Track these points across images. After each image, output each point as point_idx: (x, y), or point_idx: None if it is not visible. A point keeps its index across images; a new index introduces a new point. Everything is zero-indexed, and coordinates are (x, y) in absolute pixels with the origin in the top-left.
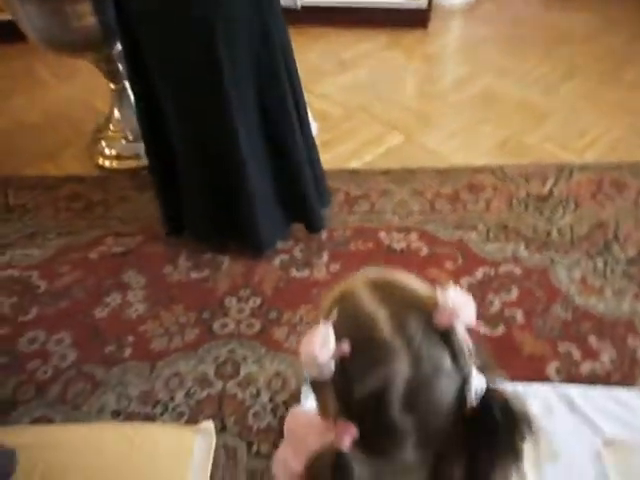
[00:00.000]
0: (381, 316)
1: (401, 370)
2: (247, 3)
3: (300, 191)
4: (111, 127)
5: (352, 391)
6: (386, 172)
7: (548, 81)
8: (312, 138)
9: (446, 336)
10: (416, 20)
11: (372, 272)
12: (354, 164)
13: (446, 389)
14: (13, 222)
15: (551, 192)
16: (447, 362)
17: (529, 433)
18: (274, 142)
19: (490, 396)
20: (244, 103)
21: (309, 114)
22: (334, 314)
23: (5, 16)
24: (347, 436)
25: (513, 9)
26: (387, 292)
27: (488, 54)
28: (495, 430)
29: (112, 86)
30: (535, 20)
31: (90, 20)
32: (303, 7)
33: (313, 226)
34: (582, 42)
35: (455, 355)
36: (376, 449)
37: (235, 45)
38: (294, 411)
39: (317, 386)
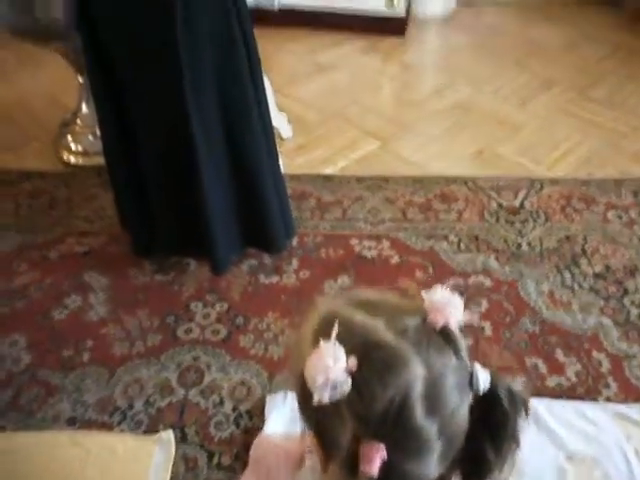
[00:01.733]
0: (379, 326)
1: (417, 371)
2: None
3: (262, 215)
4: (78, 122)
5: (372, 405)
6: (360, 179)
7: (523, 93)
8: (279, 166)
9: (444, 334)
10: (394, 27)
11: (345, 296)
12: (328, 170)
13: (458, 385)
14: None
15: (522, 205)
16: (453, 359)
17: (526, 416)
18: (237, 157)
19: (497, 385)
20: (203, 107)
21: (284, 117)
22: (332, 333)
23: None
24: (377, 457)
25: (489, 20)
26: (372, 306)
27: (465, 64)
28: (504, 418)
29: (80, 79)
30: (511, 32)
31: (57, 8)
32: (281, 10)
33: (272, 252)
34: (557, 56)
35: (457, 351)
36: (400, 474)
37: (196, 46)
38: (260, 439)
39: (323, 415)
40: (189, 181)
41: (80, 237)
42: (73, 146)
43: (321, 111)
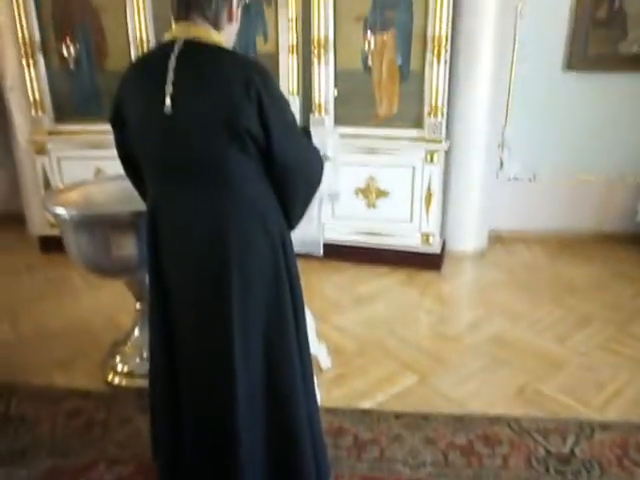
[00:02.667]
0: None
1: None
2: (263, 245)
3: (293, 457)
4: (129, 344)
5: None
6: (398, 415)
7: (560, 329)
8: (316, 408)
9: None
10: (430, 262)
11: None
12: (366, 404)
13: None
14: (8, 434)
15: (572, 452)
16: None
17: None
18: (274, 395)
19: None
20: (248, 350)
21: (324, 347)
22: None
23: (55, 232)
24: None
25: (521, 257)
26: None
27: (500, 298)
28: None
29: (138, 306)
30: (543, 268)
31: (130, 249)
32: (325, 244)
33: None
34: (591, 293)
35: None
36: None
37: (248, 288)
38: None
39: None
40: (224, 413)
41: (110, 464)
42: (120, 367)
43: (360, 342)
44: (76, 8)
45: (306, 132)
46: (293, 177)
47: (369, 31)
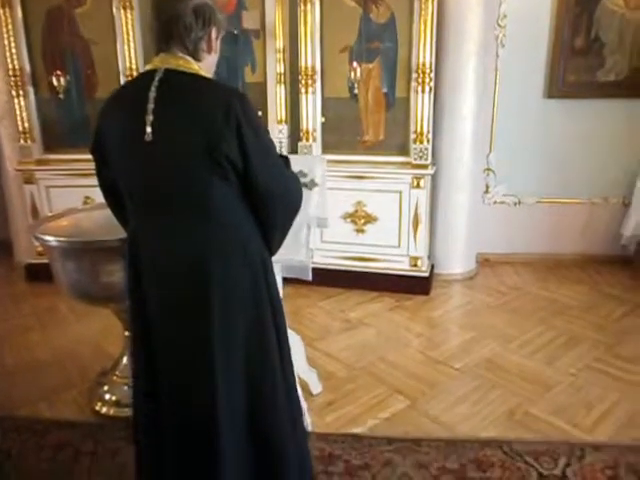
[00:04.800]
0: None
1: None
2: (244, 274)
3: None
4: (117, 372)
5: None
6: (390, 440)
7: (550, 350)
8: (305, 442)
9: None
10: (419, 286)
11: None
12: (357, 429)
13: None
14: None
15: (564, 474)
16: None
17: None
18: (258, 418)
19: None
20: (230, 373)
21: (314, 373)
22: None
23: (42, 259)
24: None
25: (510, 280)
26: None
27: (489, 321)
28: None
29: (126, 333)
30: (531, 290)
31: (118, 275)
32: (314, 269)
33: None
34: (579, 313)
35: None
36: None
37: (229, 314)
38: None
39: None
40: (207, 433)
41: None
42: (107, 396)
43: (350, 367)
44: (67, 40)
45: (285, 158)
46: (272, 203)
47: (355, 61)
